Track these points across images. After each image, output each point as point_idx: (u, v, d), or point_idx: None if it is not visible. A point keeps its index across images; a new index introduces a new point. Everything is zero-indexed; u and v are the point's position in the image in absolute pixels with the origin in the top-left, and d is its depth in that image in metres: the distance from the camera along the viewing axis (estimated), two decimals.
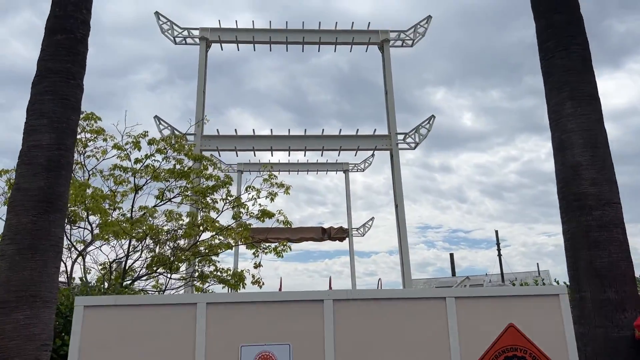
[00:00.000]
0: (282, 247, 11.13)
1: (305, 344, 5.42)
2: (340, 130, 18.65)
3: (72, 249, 9.08)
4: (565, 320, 5.71)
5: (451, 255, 46.03)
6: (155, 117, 17.29)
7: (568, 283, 9.46)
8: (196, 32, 18.81)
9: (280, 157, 27.52)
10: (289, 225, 11.37)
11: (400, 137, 18.51)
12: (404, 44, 19.74)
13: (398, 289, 5.75)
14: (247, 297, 5.69)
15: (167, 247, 9.47)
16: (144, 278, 9.85)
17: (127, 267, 9.75)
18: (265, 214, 10.44)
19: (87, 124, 9.03)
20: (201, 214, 10.67)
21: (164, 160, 9.89)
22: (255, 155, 19.24)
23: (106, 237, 8.22)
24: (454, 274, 45.63)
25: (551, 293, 5.79)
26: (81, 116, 9.14)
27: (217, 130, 17.84)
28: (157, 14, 18.62)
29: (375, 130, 18.46)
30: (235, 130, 17.96)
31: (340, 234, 28.36)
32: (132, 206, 9.94)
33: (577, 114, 6.89)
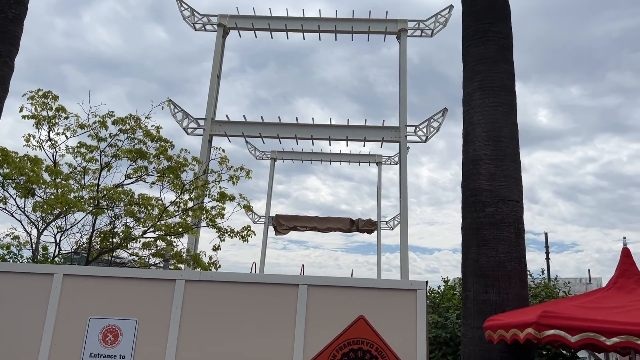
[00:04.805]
0: (246, 232, 11.28)
1: (152, 321, 5.58)
2: (349, 121, 18.49)
3: (34, 222, 9.67)
4: (419, 317, 5.52)
5: None
6: (169, 100, 17.90)
7: None
8: (215, 19, 19.25)
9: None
10: (250, 211, 11.50)
11: (411, 129, 18.11)
12: (423, 34, 19.22)
13: (253, 274, 5.77)
14: (103, 272, 5.91)
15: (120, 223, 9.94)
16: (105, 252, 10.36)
17: (92, 241, 10.29)
18: (223, 196, 10.64)
19: (48, 102, 9.57)
20: (163, 194, 10.97)
21: (128, 140, 10.31)
22: (264, 142, 19.50)
23: (37, 207, 8.73)
24: None
25: (408, 288, 5.62)
26: (39, 94, 9.74)
27: (227, 115, 18.24)
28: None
29: (383, 121, 18.17)
30: (244, 116, 18.28)
31: (368, 226, 28.08)
32: (98, 183, 10.46)
33: (485, 105, 6.52)
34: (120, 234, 9.82)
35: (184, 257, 10.76)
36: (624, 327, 4.05)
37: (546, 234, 40.19)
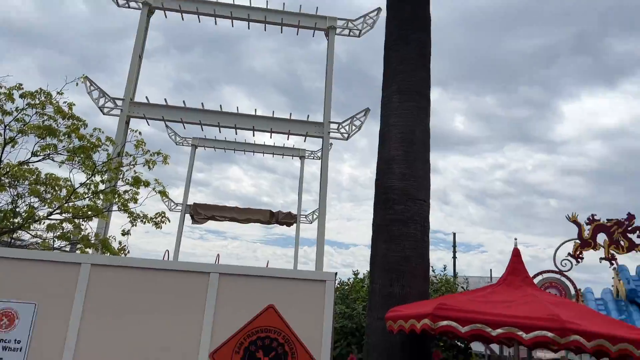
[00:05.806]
0: (159, 218, 11.02)
1: (53, 305, 5.36)
2: (279, 114, 18.49)
3: None
4: (327, 307, 5.70)
5: None
6: (85, 77, 17.03)
7: None
8: None
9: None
10: (166, 197, 11.26)
11: (334, 126, 18.43)
12: (351, 33, 19.61)
13: (164, 260, 5.69)
14: (2, 253, 5.61)
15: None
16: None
17: None
18: (137, 181, 10.34)
19: None
20: (72, 175, 10.49)
21: (37, 115, 9.75)
22: (185, 128, 19.11)
23: None
24: None
25: (317, 279, 5.77)
26: None
27: (147, 97, 17.66)
28: None
29: (308, 116, 18.38)
30: (165, 99, 17.77)
31: (288, 219, 28.23)
32: (0, 159, 9.81)
33: (401, 108, 6.82)
34: (23, 214, 9.30)
35: (92, 242, 10.36)
36: (507, 320, 4.44)
37: (454, 234, 42.27)
